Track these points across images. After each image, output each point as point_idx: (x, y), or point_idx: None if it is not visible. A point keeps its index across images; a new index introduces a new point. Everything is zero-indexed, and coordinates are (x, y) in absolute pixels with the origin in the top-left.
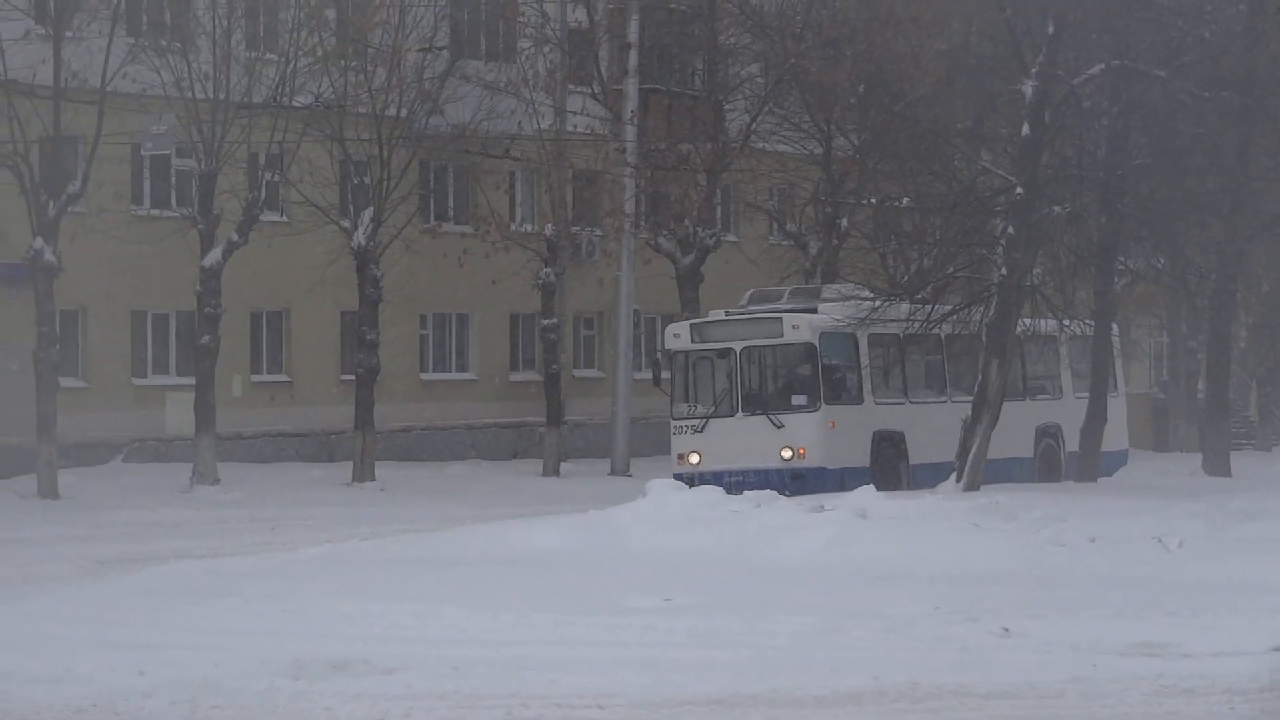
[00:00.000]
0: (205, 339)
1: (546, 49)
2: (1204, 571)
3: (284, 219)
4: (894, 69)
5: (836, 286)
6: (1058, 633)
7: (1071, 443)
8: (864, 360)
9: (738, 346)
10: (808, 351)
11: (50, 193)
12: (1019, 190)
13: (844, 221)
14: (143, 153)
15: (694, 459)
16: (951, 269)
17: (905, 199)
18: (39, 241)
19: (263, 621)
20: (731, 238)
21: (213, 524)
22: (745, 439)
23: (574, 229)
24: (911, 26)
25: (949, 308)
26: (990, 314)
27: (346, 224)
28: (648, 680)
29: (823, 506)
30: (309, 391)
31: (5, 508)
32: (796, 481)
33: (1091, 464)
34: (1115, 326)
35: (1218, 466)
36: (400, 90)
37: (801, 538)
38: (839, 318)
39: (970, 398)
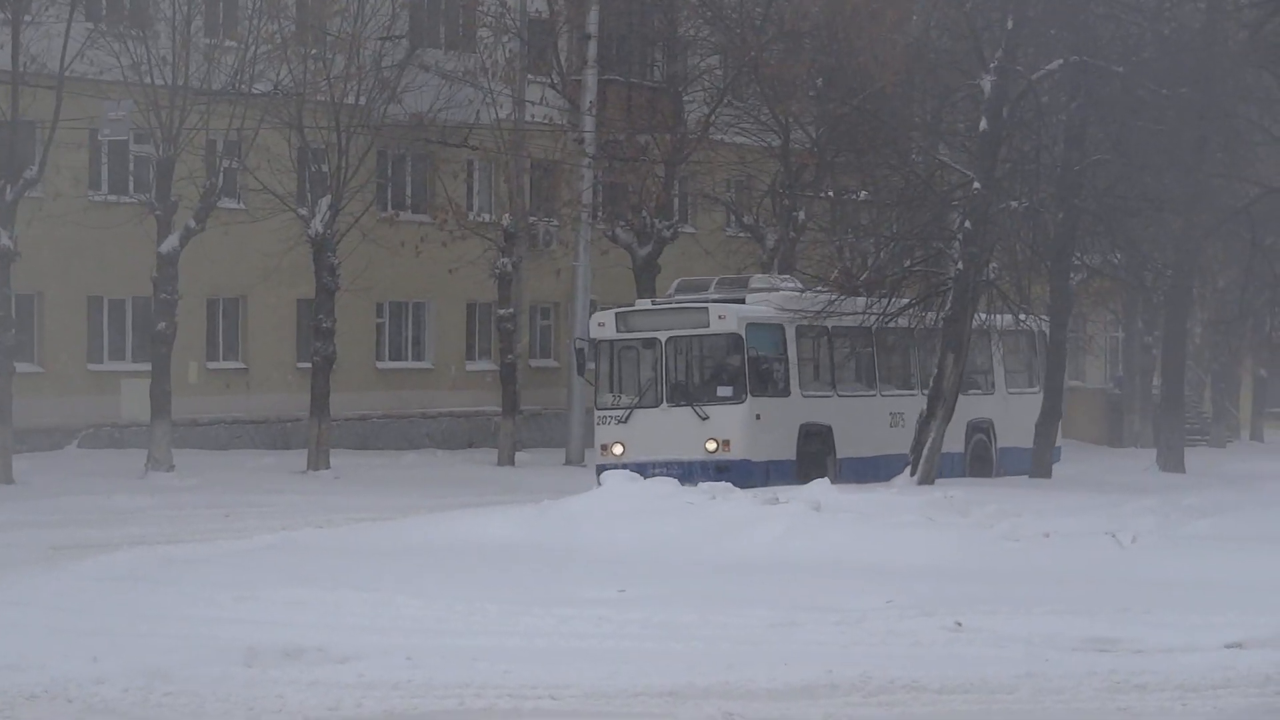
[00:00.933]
0: (161, 325)
1: (505, 38)
2: (1157, 568)
3: (241, 206)
4: (853, 63)
5: (764, 277)
6: (1011, 628)
7: (1004, 438)
8: (791, 352)
9: (663, 336)
10: (734, 342)
11: (7, 177)
12: (976, 185)
13: (801, 214)
14: (100, 138)
15: (618, 450)
16: (908, 263)
17: (863, 192)
18: None
19: (216, 609)
20: (689, 229)
21: (167, 511)
22: (670, 430)
23: (531, 219)
24: (871, 21)
25: (905, 301)
26: (947, 309)
27: (304, 212)
28: (601, 671)
29: (777, 499)
30: (265, 379)
31: None
32: (721, 474)
33: (1044, 459)
34: (1043, 329)
35: (1172, 462)
36: (359, 78)
37: (756, 530)
38: (765, 309)
39: (900, 392)
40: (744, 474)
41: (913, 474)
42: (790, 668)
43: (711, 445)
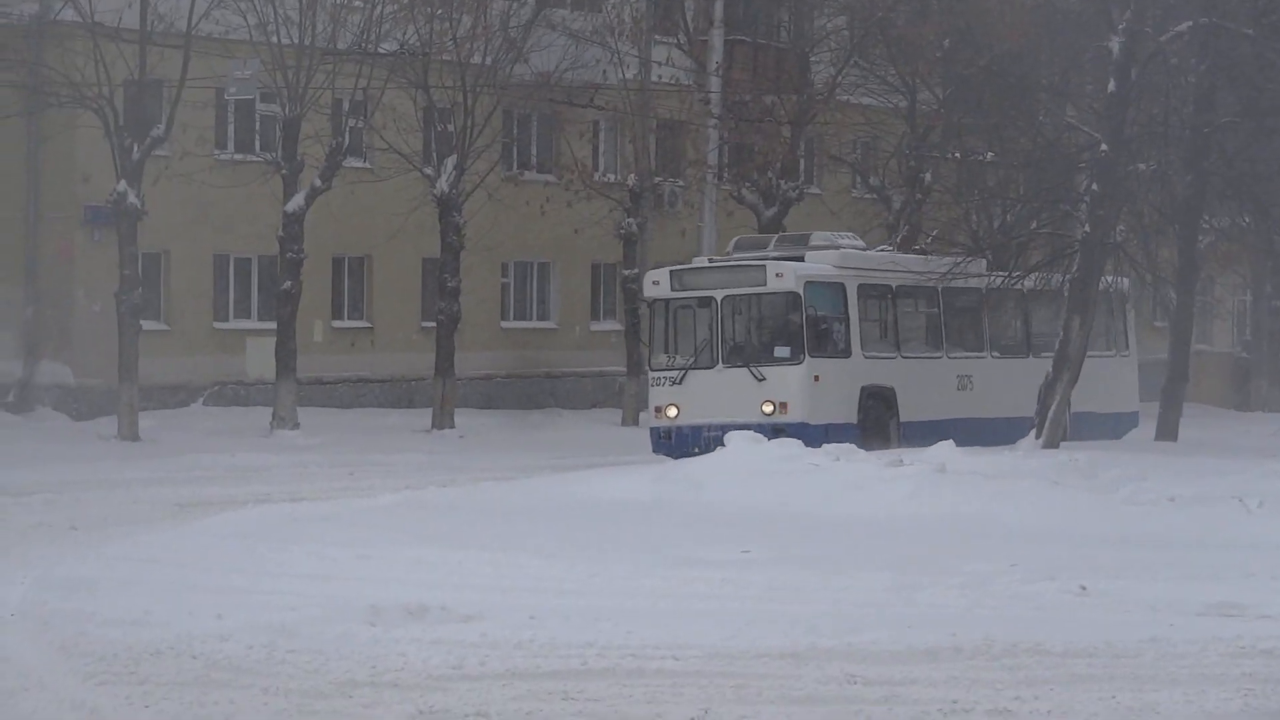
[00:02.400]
0: (287, 284)
1: None
2: None
3: (367, 165)
4: (981, 23)
5: (826, 234)
6: (1135, 592)
7: (1078, 402)
8: (853, 311)
9: (719, 295)
10: (792, 301)
11: (134, 136)
12: (1104, 147)
13: (928, 176)
14: (227, 97)
15: (672, 412)
16: (1035, 225)
17: (990, 154)
18: (123, 185)
19: (340, 567)
20: (814, 190)
21: (292, 469)
22: (725, 392)
23: (656, 179)
24: None
25: (1032, 264)
26: (1073, 271)
27: (429, 171)
28: (724, 632)
29: (901, 461)
30: (390, 338)
31: (87, 450)
32: (778, 437)
33: (1171, 422)
34: (1126, 288)
35: None
36: (485, 38)
37: (879, 492)
38: (826, 267)
39: (969, 354)
40: (801, 437)
41: (1037, 437)
42: (913, 630)
43: (768, 407)
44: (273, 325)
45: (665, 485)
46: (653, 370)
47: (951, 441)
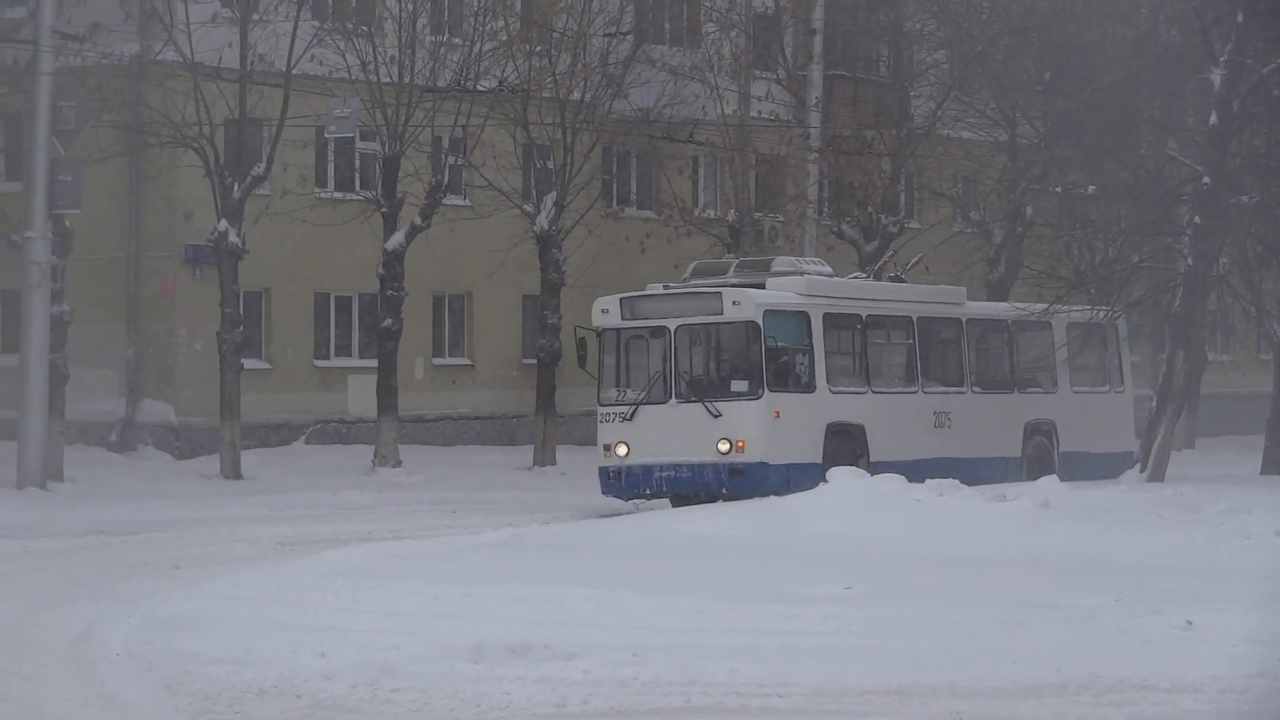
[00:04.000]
0: (388, 322)
1: (732, 34)
2: None
3: (466, 203)
4: (1080, 57)
5: (789, 259)
6: (1242, 627)
7: (1068, 441)
8: (818, 343)
9: (673, 325)
10: (751, 331)
11: (235, 175)
12: (1206, 180)
13: (1029, 209)
14: (326, 135)
15: (621, 450)
16: (1137, 258)
17: (1091, 187)
18: (223, 223)
19: (442, 605)
20: (915, 224)
21: (394, 507)
22: (679, 429)
23: (756, 215)
24: (1099, 15)
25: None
26: (1176, 305)
27: (529, 208)
28: (828, 669)
29: (1005, 496)
30: (490, 375)
31: (189, 488)
32: (735, 478)
33: (1276, 456)
34: (1121, 321)
35: None
36: (584, 75)
37: (983, 527)
38: (788, 294)
39: (947, 389)
40: (759, 478)
41: (1141, 470)
42: (1018, 666)
43: (724, 446)
44: (374, 363)
45: (768, 521)
46: (601, 405)
47: (1055, 476)
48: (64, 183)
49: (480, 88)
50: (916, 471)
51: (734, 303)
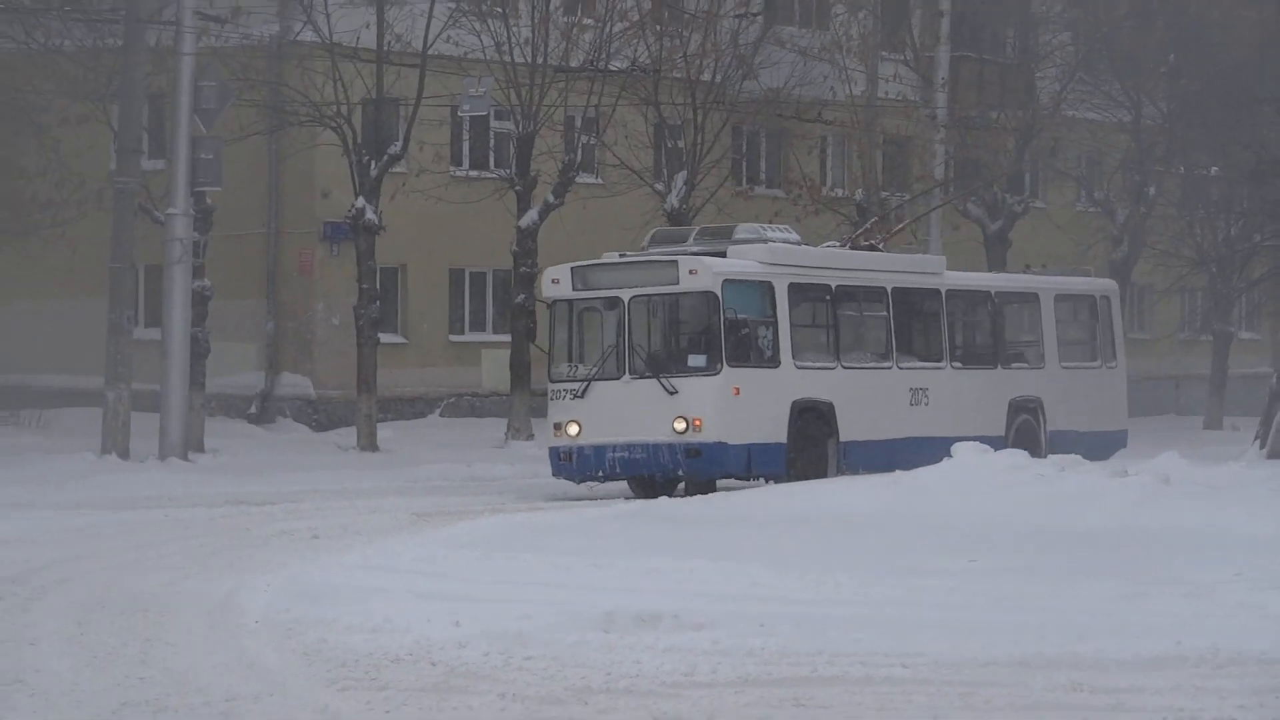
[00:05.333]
0: (522, 297)
1: (860, 15)
2: None
3: (599, 181)
4: (1205, 38)
5: (752, 226)
6: None
7: (1055, 420)
8: (783, 315)
9: (626, 296)
10: (708, 302)
11: (372, 154)
12: None
13: (1152, 189)
14: (461, 114)
15: (573, 429)
16: (1259, 238)
17: (1214, 168)
18: (360, 201)
19: (573, 575)
20: (1039, 204)
21: (526, 479)
22: (633, 407)
23: (884, 194)
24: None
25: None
26: None
27: (660, 186)
28: (951, 641)
29: (1126, 471)
30: None
31: (327, 460)
32: (692, 459)
33: None
34: (1115, 294)
35: None
36: (715, 55)
37: (1104, 502)
38: (750, 263)
39: (924, 364)
40: (717, 459)
41: (1262, 447)
42: (1139, 639)
43: (680, 425)
44: (507, 338)
45: (894, 496)
46: (552, 382)
47: (1176, 452)
48: (205, 161)
49: (612, 68)
50: (890, 452)
51: (690, 271)
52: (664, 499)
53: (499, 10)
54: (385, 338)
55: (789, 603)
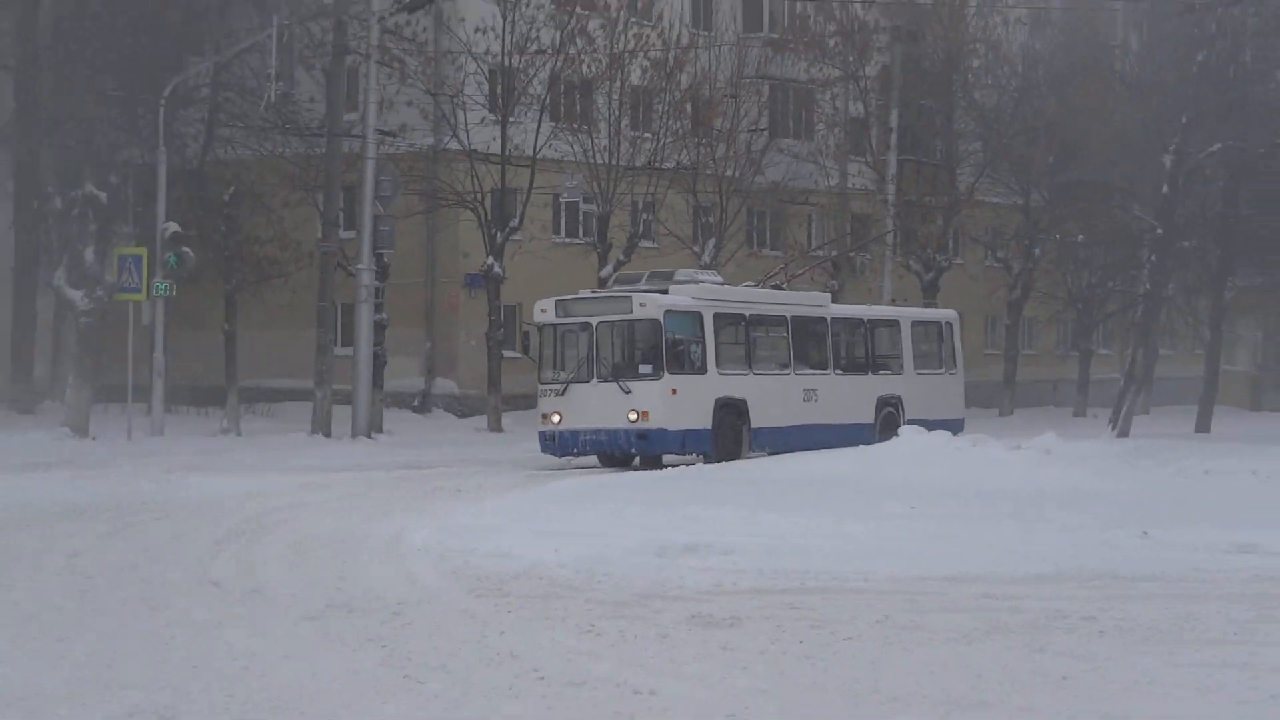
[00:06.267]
0: None
1: (835, 131)
2: None
3: (654, 245)
4: (1073, 146)
5: (688, 270)
6: (1182, 536)
7: (911, 411)
8: (709, 335)
9: (595, 321)
10: (654, 326)
11: (498, 227)
12: (1159, 231)
13: (1037, 251)
14: (560, 199)
15: (555, 419)
16: (1111, 285)
17: (1080, 236)
18: (490, 260)
19: (635, 518)
20: (959, 261)
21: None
22: (599, 402)
23: (851, 254)
24: (1086, 116)
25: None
26: (1138, 316)
27: (697, 249)
28: (898, 564)
29: (1019, 446)
30: None
31: (467, 438)
32: (641, 440)
33: (1206, 419)
34: (955, 320)
35: None
36: (734, 159)
37: (1005, 468)
38: (685, 298)
39: (813, 371)
40: (660, 441)
41: (1113, 429)
42: (1029, 563)
43: (633, 416)
44: None
45: (857, 463)
46: (541, 384)
47: (1054, 433)
48: (383, 232)
49: (664, 167)
50: (788, 436)
51: (641, 304)
52: (699, 464)
53: (585, 128)
54: (506, 353)
55: (785, 537)
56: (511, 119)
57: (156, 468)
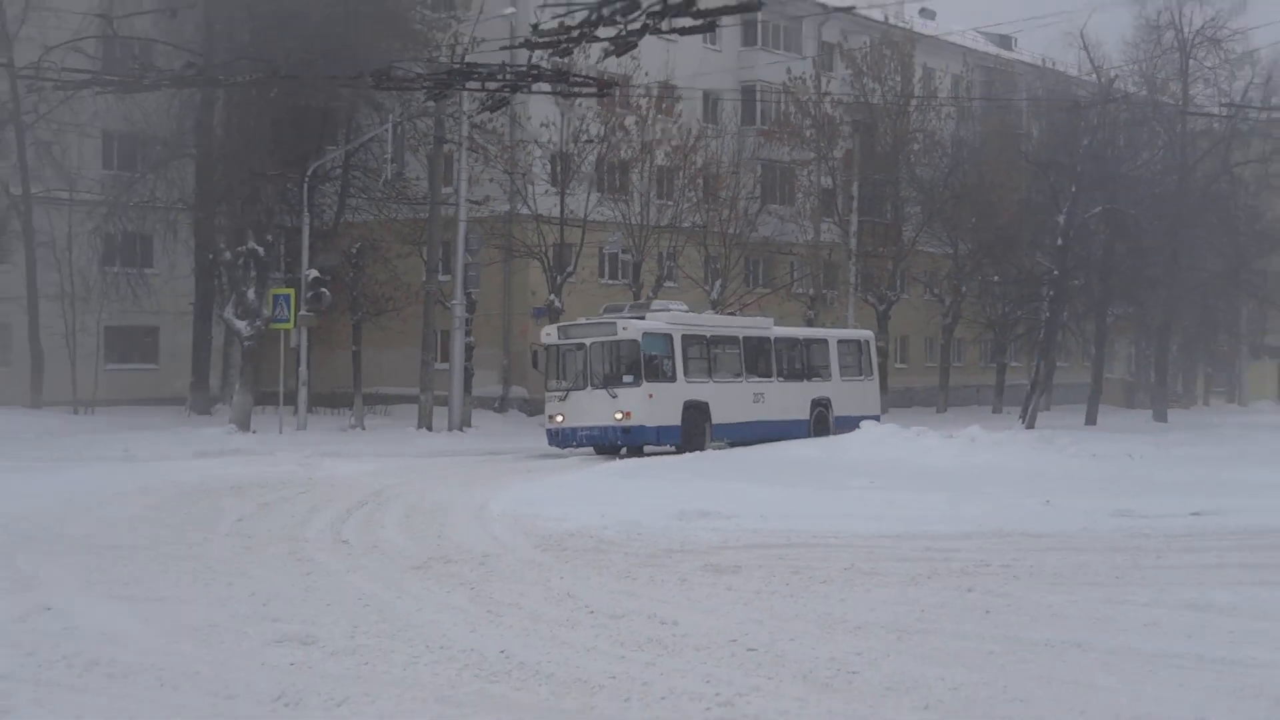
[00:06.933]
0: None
1: (810, 198)
2: (1152, 472)
3: (675, 285)
4: (990, 208)
5: (662, 301)
6: (1076, 503)
7: (838, 409)
8: (678, 352)
9: (588, 341)
10: (634, 345)
11: (558, 272)
12: (1055, 272)
13: (964, 288)
14: (604, 251)
15: (558, 419)
16: (1020, 312)
17: (996, 276)
18: (551, 296)
19: (661, 491)
20: (905, 296)
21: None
22: (592, 406)
23: (824, 291)
24: (999, 188)
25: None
26: (1040, 336)
27: (707, 288)
28: (859, 526)
29: (951, 435)
30: None
31: (535, 432)
32: (625, 434)
33: (1093, 415)
34: (872, 338)
35: (1160, 417)
36: (735, 219)
37: (941, 452)
38: (659, 323)
39: (761, 379)
40: (640, 435)
41: (1023, 421)
42: (959, 524)
43: (619, 415)
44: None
45: (828, 449)
46: (547, 392)
47: (978, 426)
48: (471, 276)
49: (682, 226)
50: (742, 430)
51: (624, 328)
52: (711, 451)
53: (623, 197)
54: None
55: (774, 503)
56: (568, 191)
57: (301, 454)
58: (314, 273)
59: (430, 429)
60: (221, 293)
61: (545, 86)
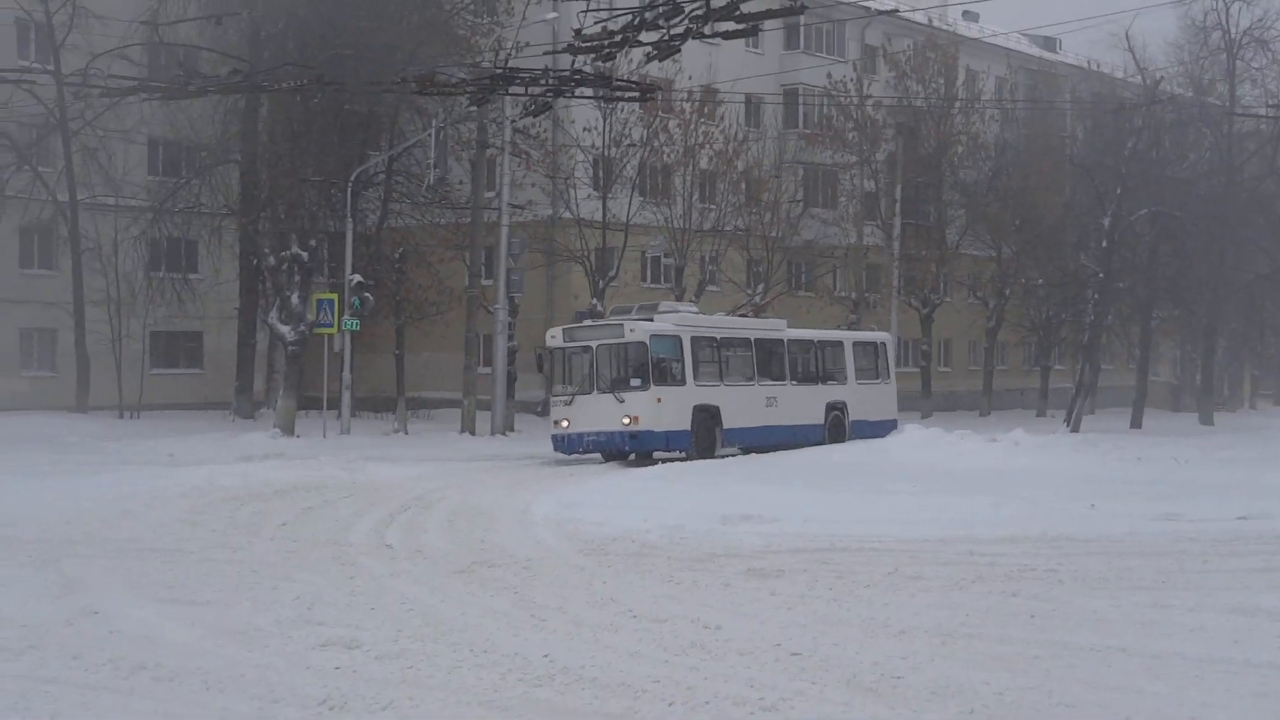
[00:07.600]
0: None
1: (854, 200)
2: (1198, 476)
3: (717, 289)
4: (1034, 211)
5: (671, 303)
6: (1121, 508)
7: (854, 414)
8: (687, 355)
9: (594, 344)
10: (642, 348)
11: (600, 275)
12: (1101, 274)
13: (1007, 291)
14: (646, 254)
15: (564, 423)
16: (1065, 315)
17: (1040, 279)
18: (594, 300)
19: (702, 494)
20: (949, 299)
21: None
22: (599, 410)
23: (866, 294)
24: (1044, 190)
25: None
26: (1085, 339)
27: (750, 292)
28: (901, 529)
29: (995, 439)
30: None
31: None
32: (633, 440)
33: (1138, 417)
34: (889, 340)
35: (1206, 420)
36: (777, 223)
37: (984, 455)
38: (667, 325)
39: (774, 382)
40: (648, 440)
41: (1067, 424)
42: (1002, 527)
43: (626, 420)
44: None
45: (869, 452)
46: (553, 396)
47: (1022, 429)
48: (514, 279)
49: (724, 230)
50: (753, 435)
51: (631, 330)
52: (753, 454)
53: (665, 201)
54: None
55: (817, 508)
56: (610, 195)
57: (345, 458)
58: (357, 277)
59: (473, 433)
60: (265, 298)
61: (588, 91)
